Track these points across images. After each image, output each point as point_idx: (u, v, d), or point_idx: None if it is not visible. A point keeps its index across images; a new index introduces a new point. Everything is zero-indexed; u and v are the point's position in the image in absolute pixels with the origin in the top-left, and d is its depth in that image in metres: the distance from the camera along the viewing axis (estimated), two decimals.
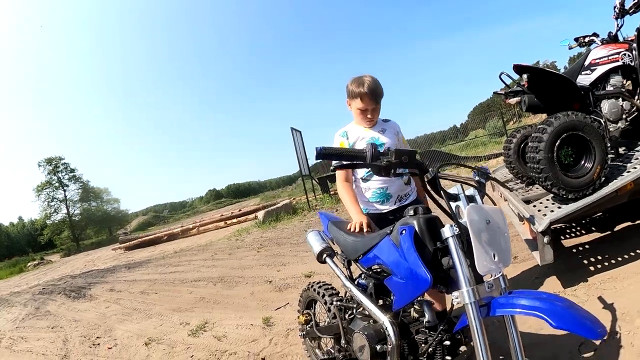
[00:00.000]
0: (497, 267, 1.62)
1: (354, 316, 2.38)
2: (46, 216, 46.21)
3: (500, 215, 1.71)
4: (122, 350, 4.61)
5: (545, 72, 3.81)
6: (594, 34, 4.30)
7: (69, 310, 7.57)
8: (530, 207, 3.70)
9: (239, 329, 4.42)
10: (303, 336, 3.06)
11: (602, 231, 4.54)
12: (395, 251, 1.90)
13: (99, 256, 21.17)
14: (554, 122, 3.31)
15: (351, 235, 2.48)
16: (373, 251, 2.12)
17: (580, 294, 3.35)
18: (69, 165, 47.19)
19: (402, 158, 1.66)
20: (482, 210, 1.67)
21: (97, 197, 50.19)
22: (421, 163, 1.75)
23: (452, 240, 1.66)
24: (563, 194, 3.35)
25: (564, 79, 3.79)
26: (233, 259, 8.98)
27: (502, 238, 1.68)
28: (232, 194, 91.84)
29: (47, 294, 10.06)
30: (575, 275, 3.68)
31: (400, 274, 1.86)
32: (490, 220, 1.65)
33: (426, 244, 1.80)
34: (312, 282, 3.04)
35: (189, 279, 7.74)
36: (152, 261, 11.92)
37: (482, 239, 1.60)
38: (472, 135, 30.47)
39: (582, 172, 3.39)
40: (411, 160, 1.69)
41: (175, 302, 6.21)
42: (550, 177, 3.30)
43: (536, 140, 3.34)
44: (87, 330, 5.77)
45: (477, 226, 1.60)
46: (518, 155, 4.47)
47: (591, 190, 3.37)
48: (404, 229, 1.86)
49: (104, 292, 8.53)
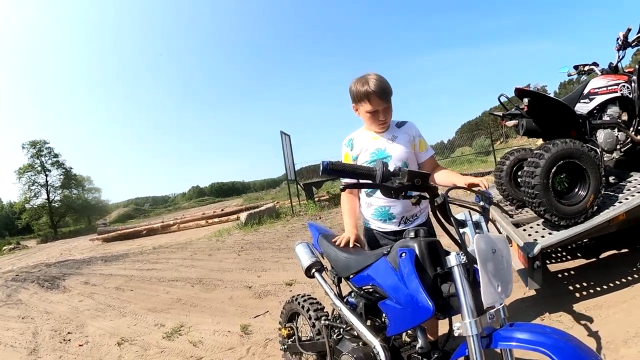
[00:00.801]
0: (500, 297, 1.56)
1: (342, 336, 2.29)
2: (26, 200, 45.41)
3: (504, 244, 1.66)
4: (93, 349, 4.48)
5: (546, 98, 3.79)
6: (593, 63, 4.35)
7: (41, 300, 7.38)
8: (520, 231, 3.68)
9: (216, 335, 4.32)
10: (284, 350, 2.95)
11: (588, 257, 4.54)
12: (394, 274, 1.81)
13: (76, 245, 20.84)
14: (551, 149, 3.30)
15: (344, 251, 2.36)
16: (367, 271, 2.04)
17: (566, 321, 3.34)
18: (53, 150, 46.34)
19: (415, 181, 1.56)
20: (489, 239, 1.60)
21: (79, 184, 49.45)
22: (433, 187, 1.66)
23: (458, 270, 1.60)
24: (555, 220, 3.35)
25: (564, 106, 3.78)
26: (213, 260, 8.85)
27: (506, 267, 1.63)
28: (215, 192, 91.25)
29: (20, 281, 9.84)
30: (560, 301, 3.67)
31: (398, 299, 1.78)
32: (496, 249, 1.60)
33: (426, 269, 1.74)
34: (296, 295, 2.92)
35: (166, 278, 7.60)
36: (129, 256, 11.72)
37: (489, 269, 1.54)
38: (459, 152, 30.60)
39: (575, 200, 3.40)
40: (424, 183, 1.59)
41: (151, 302, 6.08)
42: (544, 203, 3.29)
43: (532, 165, 3.32)
44: (59, 323, 5.61)
45: (484, 256, 1.54)
46: (510, 178, 4.44)
47: (583, 219, 3.38)
48: (404, 252, 1.79)
49: (79, 284, 8.34)
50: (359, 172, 1.68)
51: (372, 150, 2.62)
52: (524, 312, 3.62)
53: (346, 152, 2.72)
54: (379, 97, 2.47)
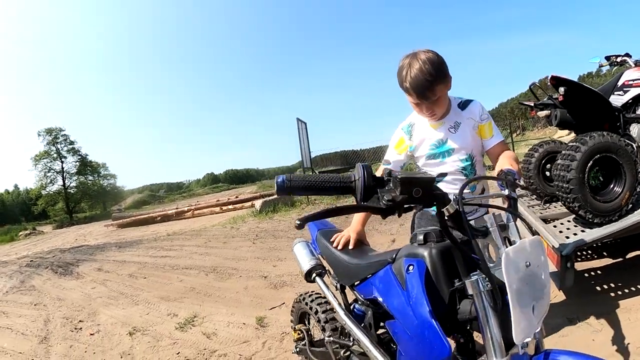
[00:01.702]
0: (537, 323, 1.21)
1: (350, 353, 1.97)
2: (42, 186, 45.85)
3: (539, 248, 1.26)
4: (104, 338, 4.36)
5: (583, 88, 3.59)
6: (626, 54, 4.17)
7: (54, 287, 7.33)
8: (551, 227, 3.49)
9: (230, 327, 4.18)
10: (297, 353, 2.61)
11: (614, 257, 4.34)
12: (400, 293, 1.48)
13: (91, 231, 20.94)
14: (588, 142, 3.09)
15: (343, 254, 2.03)
16: (370, 280, 1.72)
17: (594, 324, 3.17)
18: (69, 137, 46.73)
19: (414, 191, 1.09)
20: (520, 251, 1.20)
21: (94, 171, 49.75)
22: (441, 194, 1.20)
23: (480, 299, 1.25)
24: (589, 217, 3.15)
25: (601, 97, 3.61)
26: (227, 248, 8.73)
27: (542, 280, 1.25)
28: (229, 179, 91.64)
29: (34, 267, 9.85)
30: (588, 303, 3.50)
31: (406, 325, 1.43)
32: (530, 261, 1.20)
33: (441, 285, 1.39)
34: (304, 293, 2.53)
35: (180, 266, 7.50)
36: (143, 242, 11.70)
37: (522, 294, 1.17)
38: None
39: (610, 197, 3.22)
40: (425, 193, 1.12)
41: (164, 290, 5.96)
42: (579, 199, 3.08)
43: (568, 159, 3.11)
44: (71, 311, 5.52)
45: (516, 280, 1.16)
46: (538, 171, 4.24)
47: (617, 217, 3.19)
48: (411, 264, 1.46)
49: (92, 271, 8.29)
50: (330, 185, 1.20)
51: (432, 141, 2.24)
52: (553, 314, 3.41)
53: (402, 137, 2.32)
54: (417, 96, 2.03)
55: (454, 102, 2.26)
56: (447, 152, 2.22)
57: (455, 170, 2.21)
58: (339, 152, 21.05)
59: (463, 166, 2.21)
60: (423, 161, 2.28)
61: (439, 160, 2.23)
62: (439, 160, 2.23)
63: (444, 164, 2.23)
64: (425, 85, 1.97)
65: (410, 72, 1.98)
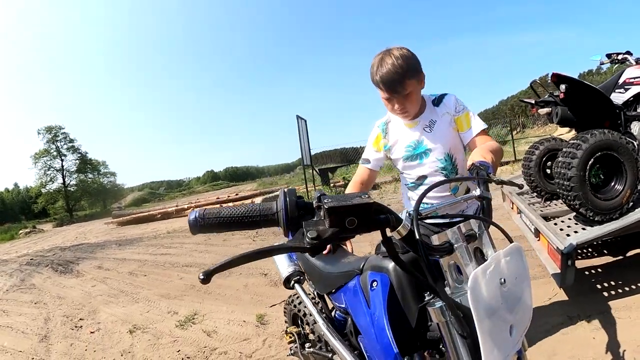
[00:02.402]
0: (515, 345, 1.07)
1: None
2: (42, 184, 45.85)
3: (519, 257, 1.11)
4: (104, 336, 4.36)
5: (585, 85, 3.59)
6: (627, 52, 4.18)
7: (54, 285, 7.34)
8: (551, 225, 3.48)
9: (231, 324, 4.18)
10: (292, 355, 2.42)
11: (614, 255, 4.33)
12: (365, 312, 1.35)
13: (91, 229, 20.93)
14: (589, 139, 3.09)
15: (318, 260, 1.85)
16: (342, 291, 1.60)
17: (594, 321, 3.17)
18: (69, 135, 46.66)
19: (347, 222, 0.89)
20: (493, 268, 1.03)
21: (94, 169, 49.74)
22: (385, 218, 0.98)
23: (445, 328, 1.09)
24: (590, 215, 3.15)
25: (602, 95, 3.61)
26: (227, 245, 8.75)
27: (523, 293, 1.11)
28: (229, 177, 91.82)
29: (34, 265, 9.87)
30: (588, 301, 3.49)
31: (372, 346, 1.32)
32: (505, 277, 1.04)
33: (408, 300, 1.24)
34: (292, 295, 2.35)
35: (180, 263, 7.51)
36: (143, 240, 11.72)
37: (494, 320, 1.00)
38: None
39: (611, 195, 3.22)
40: (362, 221, 0.91)
41: (165, 288, 5.98)
42: (580, 197, 3.08)
43: (569, 156, 3.11)
44: (71, 309, 5.53)
45: (485, 304, 0.99)
46: (539, 169, 4.24)
47: (618, 215, 3.19)
48: (375, 280, 1.32)
49: (92, 269, 8.31)
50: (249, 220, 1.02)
51: (408, 142, 2.11)
52: (553, 312, 3.43)
53: (379, 134, 2.20)
54: (387, 88, 1.95)
55: (428, 100, 2.14)
56: (424, 153, 2.09)
57: (435, 171, 2.08)
58: (338, 149, 20.97)
59: (442, 166, 2.07)
60: (402, 164, 2.16)
61: (417, 162, 2.11)
62: (417, 162, 2.11)
63: (423, 166, 2.10)
64: (395, 78, 1.90)
65: (381, 67, 1.92)
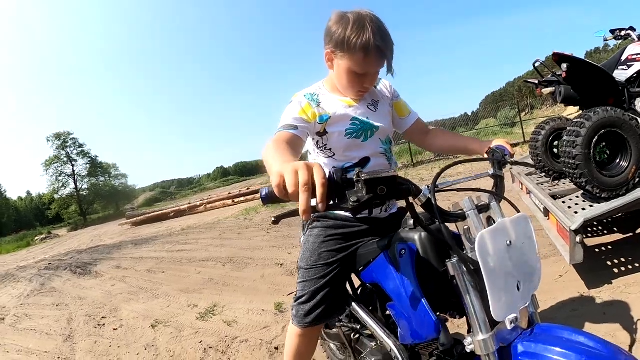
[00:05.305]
0: (523, 299, 1.24)
1: (360, 336, 2.01)
2: (54, 191, 46.35)
3: (525, 225, 1.28)
4: (127, 332, 4.44)
5: (586, 63, 3.58)
6: (630, 27, 4.14)
7: (74, 287, 7.44)
8: (560, 204, 3.50)
9: (250, 314, 4.24)
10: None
11: (624, 232, 4.35)
12: (395, 277, 1.52)
13: (106, 231, 21.14)
14: (592, 117, 3.11)
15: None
16: (371, 266, 1.69)
17: (605, 297, 3.20)
18: (78, 140, 47.17)
19: (379, 190, 1.07)
20: (499, 231, 1.21)
21: (105, 172, 50.24)
22: (408, 187, 1.18)
23: (461, 280, 1.26)
24: (597, 192, 3.17)
25: (604, 72, 3.60)
26: (242, 238, 8.82)
27: (529, 256, 1.27)
28: (239, 172, 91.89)
29: (52, 269, 9.98)
30: (599, 277, 3.52)
31: (403, 307, 1.49)
32: (512, 240, 1.21)
33: (432, 265, 1.41)
34: None
35: (197, 258, 7.60)
36: (159, 238, 11.82)
37: (500, 274, 1.18)
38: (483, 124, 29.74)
39: (617, 171, 3.23)
40: (390, 189, 1.09)
41: (183, 283, 6.06)
42: (585, 174, 3.11)
43: (573, 135, 3.14)
44: (92, 309, 5.61)
45: (492, 260, 1.17)
46: (546, 148, 4.28)
47: (624, 191, 3.20)
48: (404, 249, 1.48)
49: (110, 269, 8.42)
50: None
51: (353, 116, 1.76)
52: (563, 288, 3.47)
53: (307, 104, 1.72)
54: (380, 57, 1.62)
55: None
56: (369, 131, 1.79)
57: (378, 152, 1.83)
58: None
59: (384, 149, 1.85)
60: (341, 142, 1.77)
61: (360, 141, 1.78)
62: (360, 140, 1.77)
63: (364, 147, 1.80)
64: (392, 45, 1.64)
65: (377, 27, 1.57)
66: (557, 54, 3.55)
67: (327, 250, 1.82)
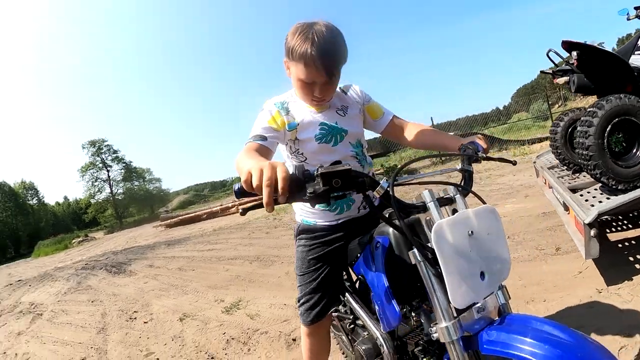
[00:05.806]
0: (489, 288, 1.28)
1: (354, 326, 2.06)
2: (90, 195, 47.72)
3: (491, 216, 1.33)
4: (157, 325, 4.64)
5: (595, 49, 3.44)
6: None
7: (109, 285, 7.74)
8: (577, 197, 3.39)
9: (272, 308, 4.39)
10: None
11: None
12: (371, 269, 1.63)
13: (141, 233, 21.65)
14: (605, 106, 3.00)
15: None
16: (359, 261, 1.79)
17: (624, 294, 3.09)
18: (112, 146, 48.58)
19: (334, 182, 1.17)
20: (460, 221, 1.26)
21: (140, 176, 51.41)
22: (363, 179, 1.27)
23: (422, 268, 1.31)
24: (612, 184, 3.04)
25: (616, 58, 3.44)
26: (270, 238, 9.00)
27: (496, 246, 1.31)
28: None
29: (89, 269, 10.35)
30: (619, 272, 3.39)
31: (376, 297, 1.59)
32: (474, 229, 1.26)
33: (404, 257, 1.46)
34: None
35: (225, 257, 7.81)
36: (191, 239, 12.13)
37: (460, 262, 1.22)
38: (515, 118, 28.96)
39: (633, 161, 3.07)
40: (346, 181, 1.19)
41: (212, 280, 6.25)
42: (599, 165, 3.00)
43: (586, 125, 3.04)
44: (125, 304, 5.87)
45: (450, 249, 1.21)
46: (565, 140, 4.17)
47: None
48: (379, 242, 1.57)
49: (144, 268, 8.72)
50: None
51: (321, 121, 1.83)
52: (582, 285, 3.39)
53: (277, 112, 1.78)
54: (319, 68, 1.62)
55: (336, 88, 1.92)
56: (339, 135, 1.86)
57: (348, 156, 1.89)
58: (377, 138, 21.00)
59: (356, 151, 1.92)
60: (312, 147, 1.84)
61: (330, 145, 1.84)
62: (330, 144, 1.84)
63: (335, 151, 1.86)
64: (336, 57, 1.66)
65: (318, 38, 1.59)
66: (565, 42, 3.46)
67: (313, 258, 1.97)
